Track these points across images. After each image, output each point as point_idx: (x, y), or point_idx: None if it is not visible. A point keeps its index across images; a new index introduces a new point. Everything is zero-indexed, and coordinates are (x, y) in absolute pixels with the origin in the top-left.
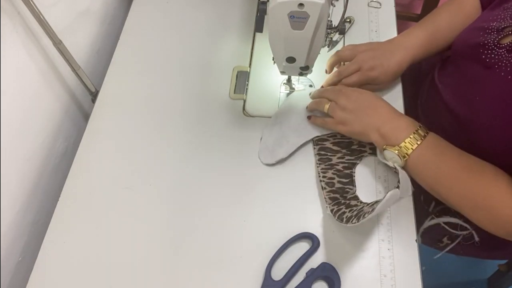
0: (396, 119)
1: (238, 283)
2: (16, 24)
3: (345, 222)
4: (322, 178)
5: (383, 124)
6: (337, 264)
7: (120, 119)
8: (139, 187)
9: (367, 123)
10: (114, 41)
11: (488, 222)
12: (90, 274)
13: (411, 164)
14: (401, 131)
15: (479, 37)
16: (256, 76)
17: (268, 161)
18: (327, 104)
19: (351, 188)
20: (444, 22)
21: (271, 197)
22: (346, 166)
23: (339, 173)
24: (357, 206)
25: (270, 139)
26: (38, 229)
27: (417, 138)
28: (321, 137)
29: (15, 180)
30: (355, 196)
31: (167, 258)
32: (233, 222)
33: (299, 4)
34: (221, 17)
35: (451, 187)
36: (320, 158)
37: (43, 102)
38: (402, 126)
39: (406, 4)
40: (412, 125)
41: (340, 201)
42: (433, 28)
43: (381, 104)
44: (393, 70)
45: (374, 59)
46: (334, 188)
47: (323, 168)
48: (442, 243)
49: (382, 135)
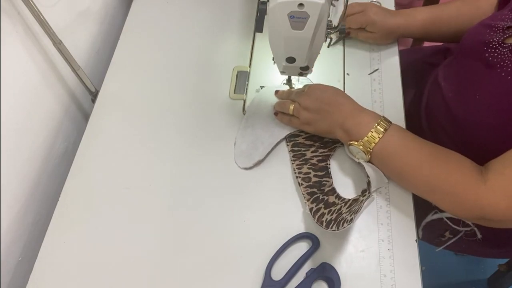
0: (357, 114)
1: (238, 283)
2: (16, 24)
3: (325, 226)
4: (298, 174)
5: (346, 120)
6: (337, 264)
7: (120, 119)
8: (138, 187)
9: (331, 121)
10: (114, 41)
11: (456, 208)
12: (90, 274)
13: (376, 157)
14: (363, 126)
15: (485, 35)
16: (256, 76)
17: (245, 165)
18: (291, 105)
19: (328, 180)
20: (452, 9)
21: (271, 197)
22: (320, 159)
23: (314, 167)
24: (335, 206)
25: (244, 143)
26: (38, 229)
27: (379, 131)
28: (293, 133)
29: (15, 180)
30: (333, 188)
31: (167, 258)
32: (233, 222)
33: (299, 4)
34: (221, 17)
35: (416, 176)
36: (294, 154)
37: (43, 102)
38: (364, 121)
39: (406, 4)
40: (374, 119)
41: (318, 196)
42: (439, 11)
43: (343, 101)
44: (390, 26)
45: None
46: (311, 182)
47: (298, 164)
48: (444, 237)
49: (345, 131)
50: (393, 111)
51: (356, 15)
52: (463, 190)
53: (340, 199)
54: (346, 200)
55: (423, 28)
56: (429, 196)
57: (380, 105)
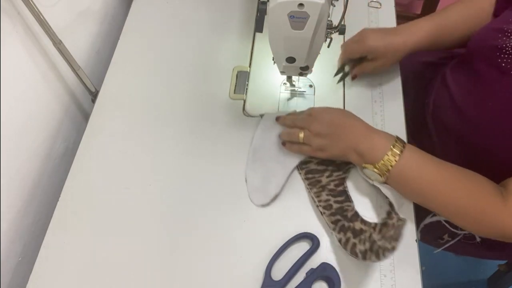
0: (370, 136)
1: (238, 283)
2: (16, 24)
3: (362, 258)
4: (319, 203)
5: (359, 143)
6: (337, 264)
7: (120, 119)
8: (139, 187)
9: (344, 145)
10: (114, 41)
11: (477, 229)
12: (90, 274)
13: (393, 180)
14: (378, 149)
15: (497, 40)
16: (256, 76)
17: (262, 202)
18: (300, 133)
19: (349, 205)
20: (455, 15)
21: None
22: (337, 183)
23: (333, 192)
24: (365, 233)
25: (256, 178)
26: (38, 229)
27: (395, 154)
28: (304, 159)
29: (15, 180)
30: (355, 213)
31: (167, 258)
32: (233, 222)
33: (299, 4)
34: (221, 17)
35: (435, 200)
36: (310, 182)
37: (43, 102)
38: (378, 144)
39: (406, 4)
40: (388, 140)
41: (343, 224)
42: (441, 20)
43: (354, 122)
44: (395, 46)
45: (378, 33)
46: (333, 210)
47: (315, 192)
48: (442, 240)
49: (360, 154)
50: (394, 111)
51: (353, 46)
52: (483, 212)
53: (367, 224)
54: (373, 224)
55: (429, 40)
56: (449, 217)
57: (380, 105)
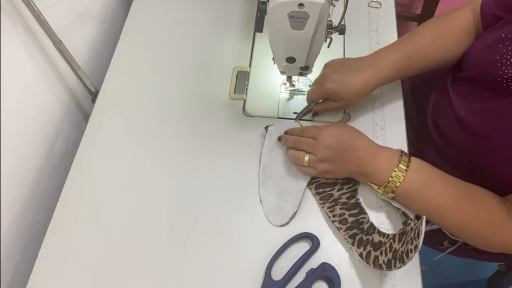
0: (376, 158)
1: (238, 283)
2: (16, 24)
3: (387, 268)
4: (333, 218)
5: (365, 166)
6: (337, 264)
7: (120, 119)
8: (138, 187)
9: (350, 168)
10: (114, 41)
11: (483, 245)
12: (90, 274)
13: (399, 197)
14: (383, 171)
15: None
16: (256, 76)
17: (281, 223)
18: (306, 156)
19: (364, 217)
20: (424, 42)
21: None
22: (349, 196)
23: (346, 205)
24: (384, 245)
25: (271, 197)
26: (38, 229)
27: (402, 170)
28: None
29: (15, 180)
30: (371, 224)
31: (166, 258)
32: (233, 222)
33: (299, 4)
34: (221, 17)
35: (442, 217)
36: (321, 197)
37: (43, 102)
38: (383, 165)
39: (406, 4)
40: (392, 160)
41: (361, 237)
42: (409, 49)
43: (359, 144)
44: (355, 87)
45: (336, 72)
46: (349, 224)
47: (329, 207)
48: (442, 246)
49: (366, 176)
50: (394, 109)
51: (313, 89)
52: (490, 229)
53: (385, 236)
54: (391, 236)
55: (394, 74)
56: (455, 234)
57: (380, 105)
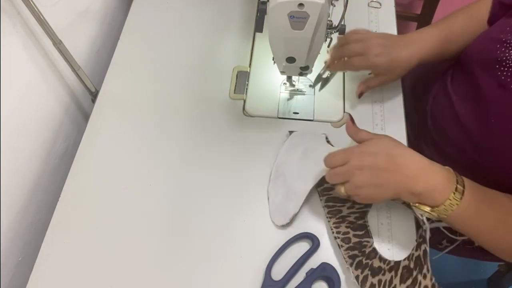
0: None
1: (238, 283)
2: (16, 24)
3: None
4: (337, 235)
5: (414, 185)
6: (337, 264)
7: (120, 119)
8: (138, 187)
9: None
10: (114, 41)
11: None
12: (90, 274)
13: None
14: (439, 192)
15: (496, 51)
16: (256, 76)
17: (282, 223)
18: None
19: (368, 241)
20: (459, 25)
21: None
22: (357, 216)
23: (353, 225)
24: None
25: (278, 195)
26: (38, 229)
27: (457, 198)
28: (326, 186)
29: (15, 180)
30: (374, 249)
31: (167, 258)
32: (233, 222)
33: (299, 4)
34: (221, 17)
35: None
36: (330, 211)
37: (43, 102)
38: (439, 186)
39: (406, 4)
40: (450, 179)
41: (361, 260)
42: (447, 30)
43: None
44: (401, 62)
45: (383, 46)
46: (351, 244)
47: (335, 223)
48: (441, 245)
49: (415, 195)
50: (393, 108)
51: (355, 60)
52: None
53: (385, 263)
54: (392, 264)
55: (435, 52)
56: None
57: (380, 104)
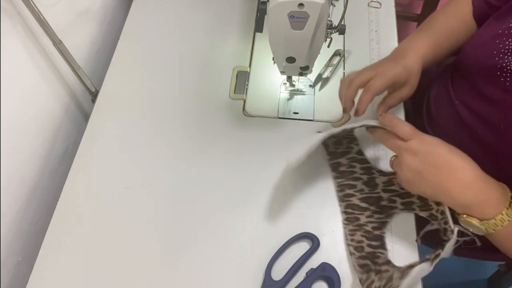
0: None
1: (238, 283)
2: (16, 24)
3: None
4: (350, 242)
5: (466, 193)
6: (337, 264)
7: (120, 119)
8: (139, 187)
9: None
10: (114, 41)
11: None
12: (89, 274)
13: (494, 236)
14: (492, 207)
15: (494, 58)
16: (256, 76)
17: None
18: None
19: (382, 253)
20: (444, 27)
21: (271, 197)
22: (375, 226)
23: (369, 235)
24: (387, 272)
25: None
26: (38, 229)
27: (510, 214)
28: (347, 192)
29: (15, 180)
30: (387, 261)
31: (167, 258)
32: (233, 222)
33: (299, 4)
34: (221, 17)
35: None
36: (347, 217)
37: (43, 102)
38: (492, 200)
39: (406, 4)
40: (504, 197)
41: (370, 267)
42: (435, 36)
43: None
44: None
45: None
46: (364, 253)
47: (350, 230)
48: (442, 245)
49: (463, 206)
50: (394, 110)
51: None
52: None
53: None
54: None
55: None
56: None
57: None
